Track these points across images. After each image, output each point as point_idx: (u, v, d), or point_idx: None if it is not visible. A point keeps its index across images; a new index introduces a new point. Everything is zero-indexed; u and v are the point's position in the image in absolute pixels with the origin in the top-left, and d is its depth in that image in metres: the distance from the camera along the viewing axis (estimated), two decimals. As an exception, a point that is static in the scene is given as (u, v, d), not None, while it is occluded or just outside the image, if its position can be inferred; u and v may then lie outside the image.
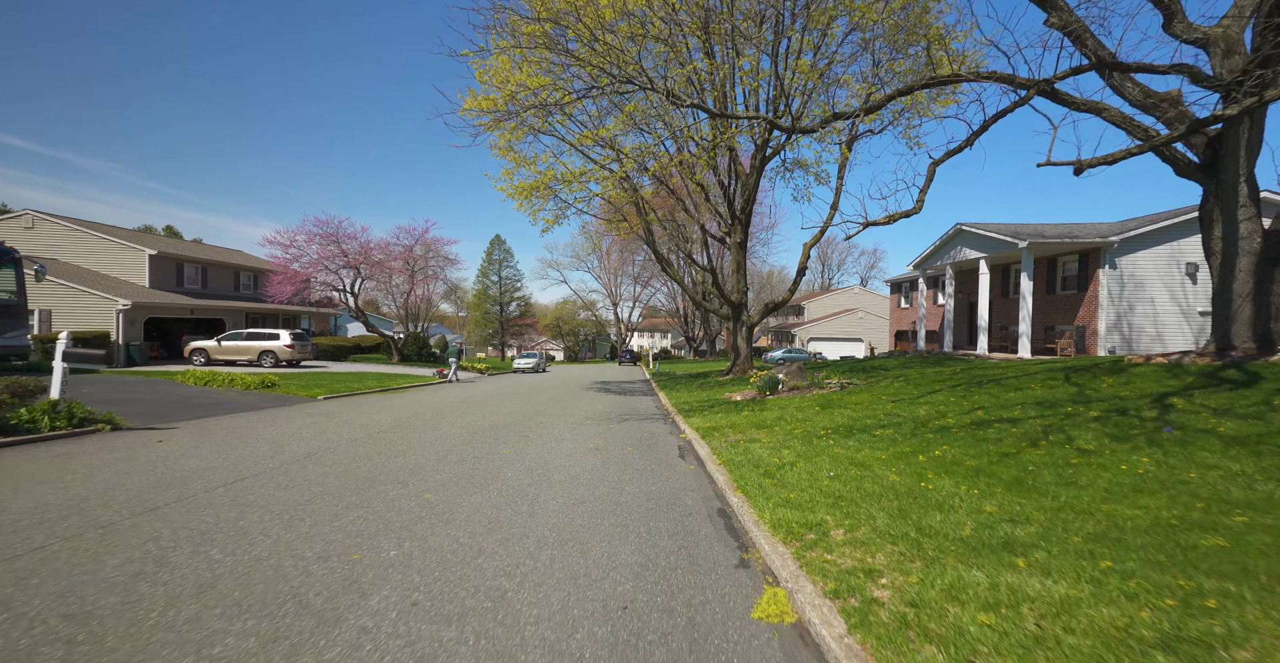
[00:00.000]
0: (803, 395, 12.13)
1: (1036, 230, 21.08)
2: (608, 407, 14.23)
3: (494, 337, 74.21)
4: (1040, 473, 4.76)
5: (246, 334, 24.77)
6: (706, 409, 12.11)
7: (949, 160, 7.92)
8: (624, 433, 9.70)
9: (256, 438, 8.27)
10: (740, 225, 20.23)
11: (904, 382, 12.00)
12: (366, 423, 10.25)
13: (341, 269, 30.74)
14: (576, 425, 10.55)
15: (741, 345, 20.49)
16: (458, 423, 10.52)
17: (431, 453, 7.40)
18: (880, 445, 6.38)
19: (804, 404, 10.66)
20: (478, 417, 11.58)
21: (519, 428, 10.05)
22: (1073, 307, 20.56)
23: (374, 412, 12.08)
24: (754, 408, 11.17)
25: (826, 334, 51.31)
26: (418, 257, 34.22)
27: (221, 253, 33.57)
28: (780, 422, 9.11)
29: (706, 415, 10.99)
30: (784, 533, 3.91)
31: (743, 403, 12.35)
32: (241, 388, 14.78)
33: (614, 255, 62.32)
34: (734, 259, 20.46)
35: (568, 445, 8.30)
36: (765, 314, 20.31)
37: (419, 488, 5.50)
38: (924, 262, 27.44)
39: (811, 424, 8.45)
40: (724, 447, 7.58)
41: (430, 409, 12.75)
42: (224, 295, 30.39)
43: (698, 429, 9.47)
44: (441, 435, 8.93)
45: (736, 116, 8.07)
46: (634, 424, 10.88)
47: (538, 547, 3.97)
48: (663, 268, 21.13)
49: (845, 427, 7.83)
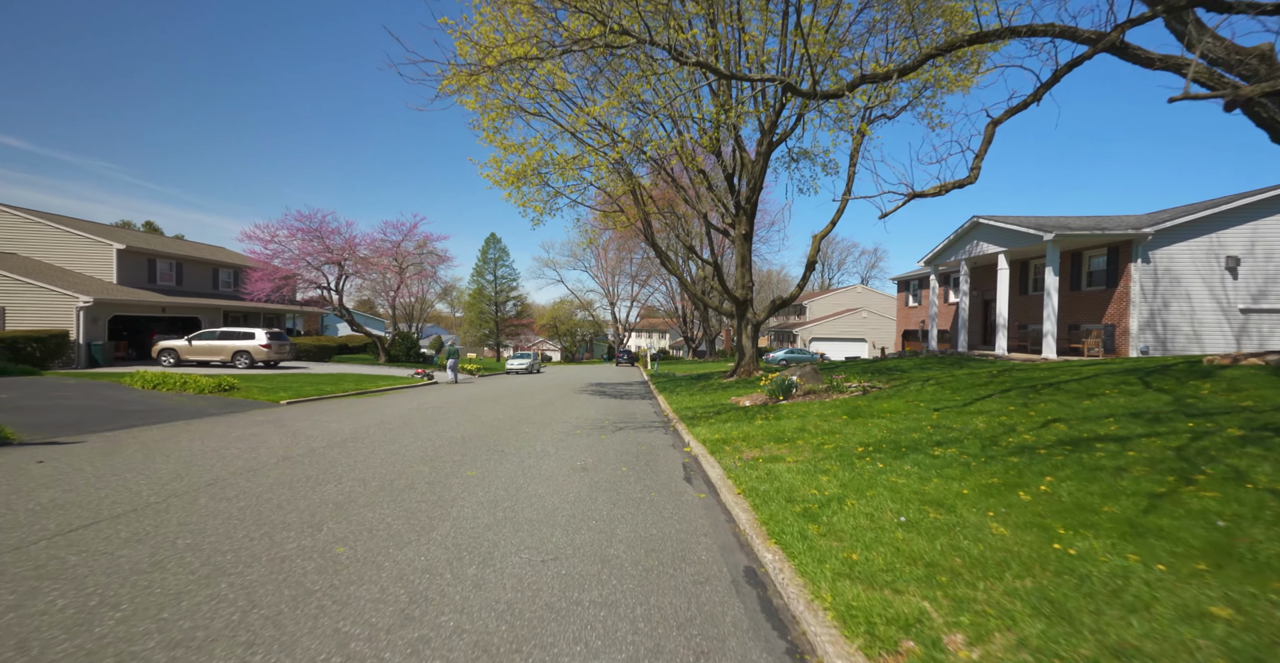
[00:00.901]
0: (821, 401, 10.71)
1: (1061, 223, 19.71)
2: (601, 412, 12.80)
3: (489, 337, 72.74)
4: (1248, 530, 3.27)
5: (219, 333, 23.28)
6: (712, 416, 10.69)
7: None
8: (618, 446, 8.27)
9: (168, 456, 6.82)
10: (745, 216, 18.83)
11: (936, 385, 10.57)
12: (318, 434, 8.80)
13: (325, 265, 29.25)
14: (564, 436, 9.11)
15: (746, 345, 19.07)
16: (425, 433, 9.07)
17: (376, 477, 5.95)
18: (950, 472, 4.94)
19: (826, 412, 9.23)
20: (451, 425, 10.14)
21: (495, 440, 8.60)
22: (1100, 304, 19.19)
23: (335, 419, 10.62)
24: (767, 415, 9.75)
25: (829, 334, 49.94)
26: (406, 253, 32.72)
27: (200, 249, 32.05)
28: (803, 434, 7.69)
29: (713, 424, 9.57)
30: (863, 634, 2.49)
31: (753, 409, 10.93)
32: (194, 392, 13.31)
33: (611, 253, 60.93)
34: (738, 252, 19.05)
35: (549, 464, 6.86)
36: (772, 312, 18.91)
37: (333, 536, 4.05)
38: (936, 257, 26.08)
39: (844, 438, 7.02)
40: (740, 467, 6.15)
41: (400, 416, 11.30)
42: (201, 293, 28.88)
43: (705, 442, 8.05)
44: (399, 451, 7.48)
45: (748, 78, 6.74)
46: (630, 434, 9.45)
47: (471, 657, 2.54)
48: (662, 263, 19.72)
49: (889, 443, 6.40)
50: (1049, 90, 6.36)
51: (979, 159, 6.63)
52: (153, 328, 26.32)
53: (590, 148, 15.19)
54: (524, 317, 75.66)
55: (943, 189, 6.58)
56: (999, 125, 6.64)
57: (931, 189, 6.58)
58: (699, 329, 60.25)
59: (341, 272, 30.14)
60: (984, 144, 6.69)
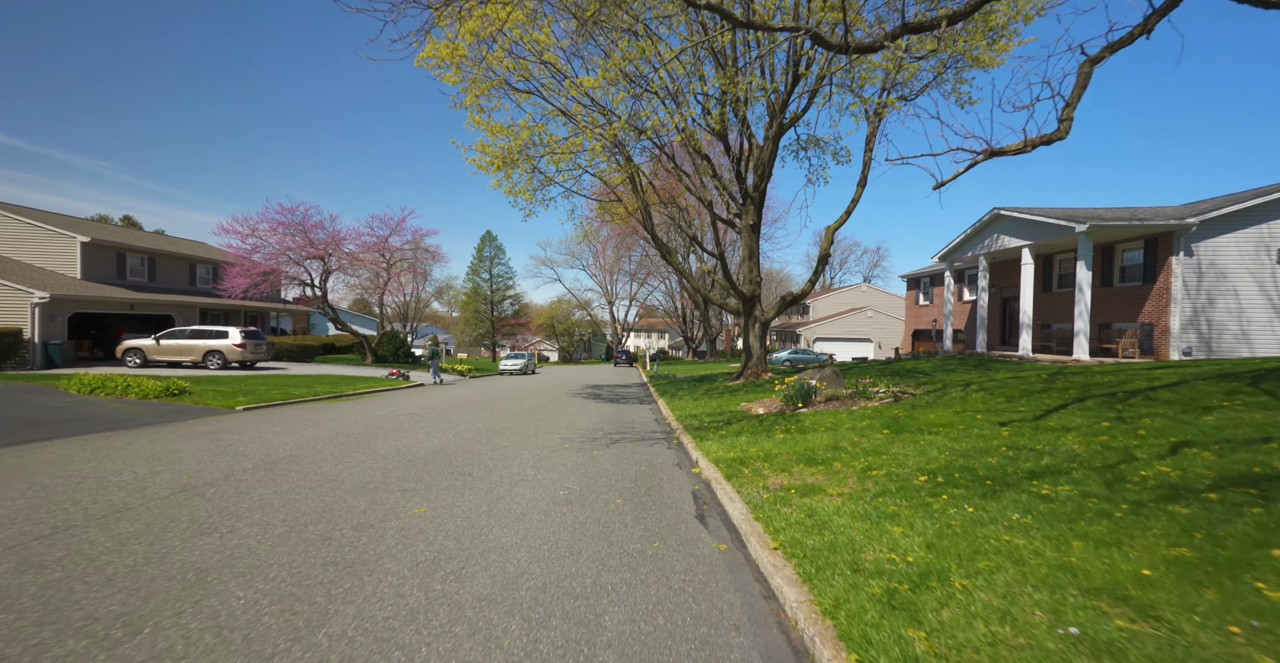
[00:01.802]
0: (849, 410, 9.28)
1: (1092, 214, 18.30)
2: (595, 420, 11.36)
3: (485, 337, 71.29)
4: None
5: (190, 332, 21.81)
6: (722, 426, 9.25)
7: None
8: (613, 465, 6.83)
9: (27, 487, 5.36)
10: (753, 205, 17.40)
11: (982, 391, 9.14)
12: (253, 451, 7.34)
13: (307, 261, 27.76)
14: (549, 452, 7.67)
15: (754, 345, 17.64)
16: (383, 449, 7.62)
17: (287, 520, 4.51)
18: (1091, 528, 3.34)
19: (860, 424, 7.80)
20: (419, 437, 8.69)
21: (465, 458, 7.16)
22: (1135, 301, 17.79)
23: (285, 430, 9.16)
24: (788, 427, 8.31)
25: (833, 334, 48.54)
26: (394, 248, 31.24)
27: (177, 243, 30.54)
28: (839, 453, 6.26)
29: (725, 437, 8.13)
30: None
31: (769, 418, 9.49)
32: (137, 397, 11.84)
33: (609, 251, 59.55)
34: (745, 245, 17.62)
35: (524, 494, 5.42)
36: (782, 309, 17.49)
37: (149, 652, 2.60)
38: (952, 253, 24.68)
39: (895, 461, 5.59)
40: (768, 502, 4.73)
41: (363, 426, 9.85)
42: (176, 290, 27.40)
43: (718, 461, 6.62)
44: (339, 476, 6.04)
45: (770, 27, 5.36)
46: (627, 450, 8.01)
47: None
48: (663, 256, 18.29)
49: (962, 471, 4.96)
50: (1165, 16, 4.94)
51: (1070, 108, 5.21)
52: (121, 326, 24.83)
53: (583, 126, 13.74)
54: (521, 316, 74.22)
55: (1027, 145, 5.16)
56: (1098, 65, 5.20)
57: (1014, 145, 5.16)
58: (699, 329, 58.86)
59: (325, 267, 28.67)
60: (1076, 90, 5.27)
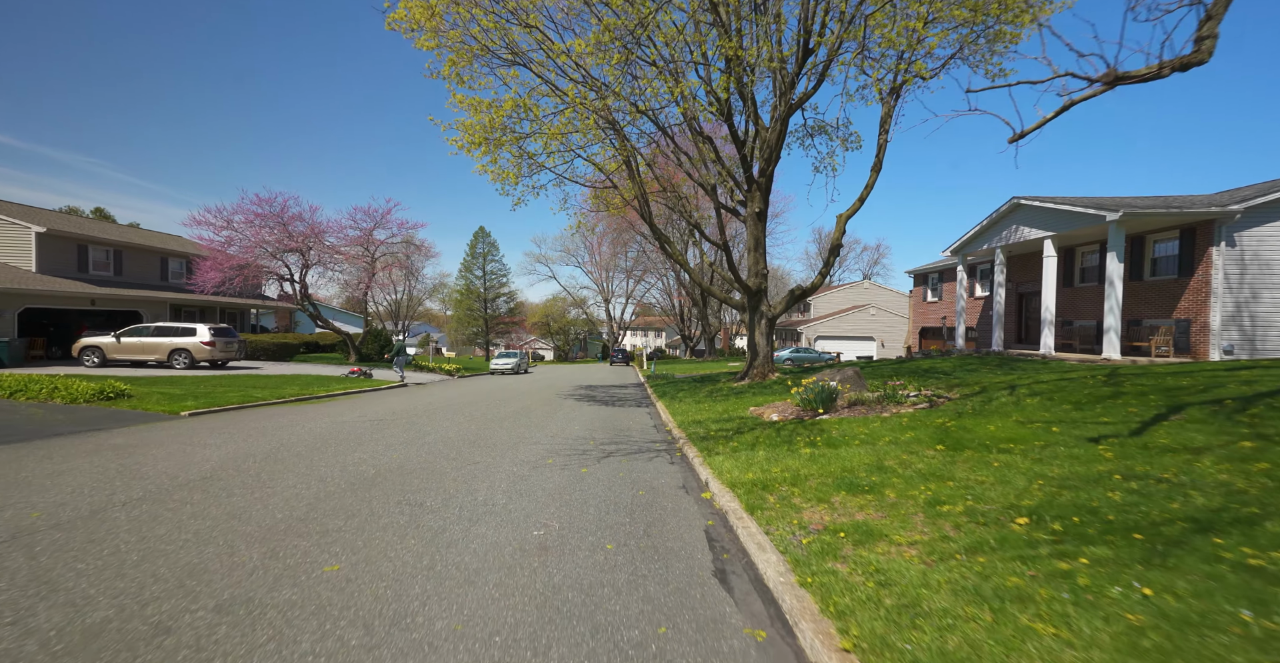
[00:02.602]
0: (880, 417, 7.97)
1: (1122, 202, 17.05)
2: (587, 427, 10.03)
3: (478, 336, 69.85)
4: None
5: (154, 329, 20.34)
6: (732, 435, 7.94)
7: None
8: (604, 490, 5.50)
9: None
10: (759, 192, 16.09)
11: (1037, 396, 7.83)
12: (163, 470, 5.97)
13: (284, 253, 26.29)
14: (528, 470, 6.34)
15: (760, 343, 16.33)
16: (324, 468, 6.26)
17: (125, 590, 3.16)
18: None
19: (899, 435, 6.49)
20: (376, 450, 7.33)
21: (422, 479, 5.82)
22: (1169, 296, 16.56)
23: (220, 441, 7.79)
24: (812, 438, 7.00)
25: (835, 332, 47.31)
26: (378, 241, 29.79)
27: (147, 236, 29.00)
28: (887, 476, 4.95)
29: (738, 451, 6.82)
30: None
31: (787, 427, 8.18)
32: (64, 401, 10.43)
33: (605, 247, 58.23)
34: (750, 233, 16.30)
35: (484, 537, 4.09)
36: (791, 304, 16.19)
37: None
38: (965, 246, 23.42)
39: (967, 491, 4.28)
40: (815, 555, 3.41)
41: (314, 436, 8.48)
42: (145, 284, 25.90)
43: (734, 485, 5.31)
44: (248, 509, 4.68)
45: None
46: (622, 465, 6.68)
47: None
48: (661, 247, 16.96)
49: (1076, 511, 3.63)
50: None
51: (1213, 21, 3.88)
52: (83, 323, 23.31)
53: (573, 99, 12.38)
54: (515, 315, 72.81)
55: (1161, 70, 3.83)
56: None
57: (1146, 69, 3.83)
58: (697, 327, 57.58)
59: (305, 261, 27.20)
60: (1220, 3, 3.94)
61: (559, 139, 14.18)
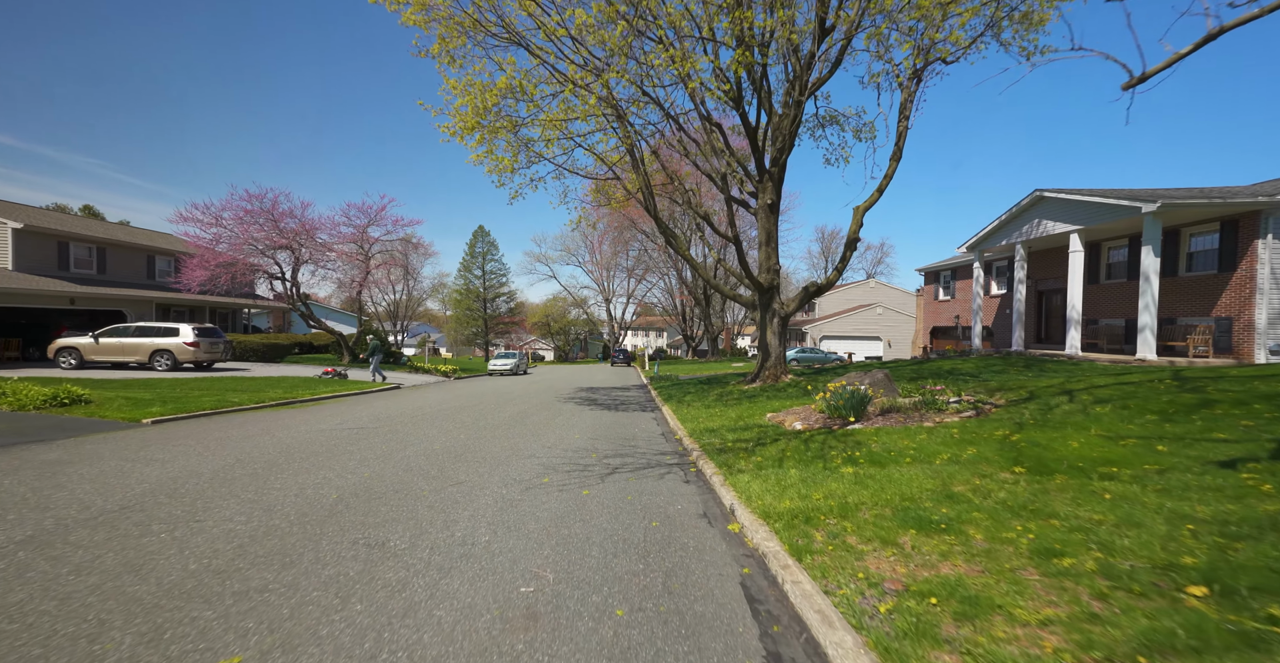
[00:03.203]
0: (923, 427, 7.00)
1: (1157, 193, 16.07)
2: (589, 434, 9.06)
3: (478, 336, 68.93)
4: None
5: (134, 329, 19.41)
6: (754, 447, 6.98)
7: None
8: (609, 519, 4.54)
9: None
10: (772, 182, 15.12)
11: (1103, 404, 6.84)
12: (71, 500, 5.00)
13: (274, 250, 25.34)
14: (519, 493, 5.37)
15: (772, 343, 15.35)
16: (278, 492, 5.30)
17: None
18: None
19: (958, 451, 5.51)
20: (346, 466, 6.36)
21: (392, 507, 4.85)
22: (1208, 293, 15.57)
23: (171, 456, 6.83)
24: (850, 452, 6.03)
25: (841, 332, 46.30)
26: (372, 239, 28.83)
27: (134, 233, 28.06)
28: (962, 508, 3.98)
29: (763, 467, 5.86)
30: None
31: (815, 438, 7.21)
32: (10, 408, 9.47)
33: (605, 246, 57.32)
34: (762, 227, 15.33)
35: (455, 595, 3.12)
36: (805, 301, 15.22)
37: None
38: (983, 241, 22.43)
39: (1085, 533, 3.33)
40: (908, 638, 2.46)
41: (284, 447, 7.52)
42: (130, 283, 24.97)
43: (767, 515, 4.35)
44: (155, 556, 3.71)
45: None
46: (630, 485, 5.71)
47: None
48: (667, 241, 16.00)
49: (1272, 574, 2.65)
50: None
51: None
52: (63, 324, 22.37)
53: (572, 74, 11.40)
54: (515, 315, 71.89)
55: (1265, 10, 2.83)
56: None
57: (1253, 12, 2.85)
58: (699, 327, 56.60)
59: (296, 259, 26.24)
60: None
61: (558, 127, 13.23)
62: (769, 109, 15.12)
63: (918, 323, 36.88)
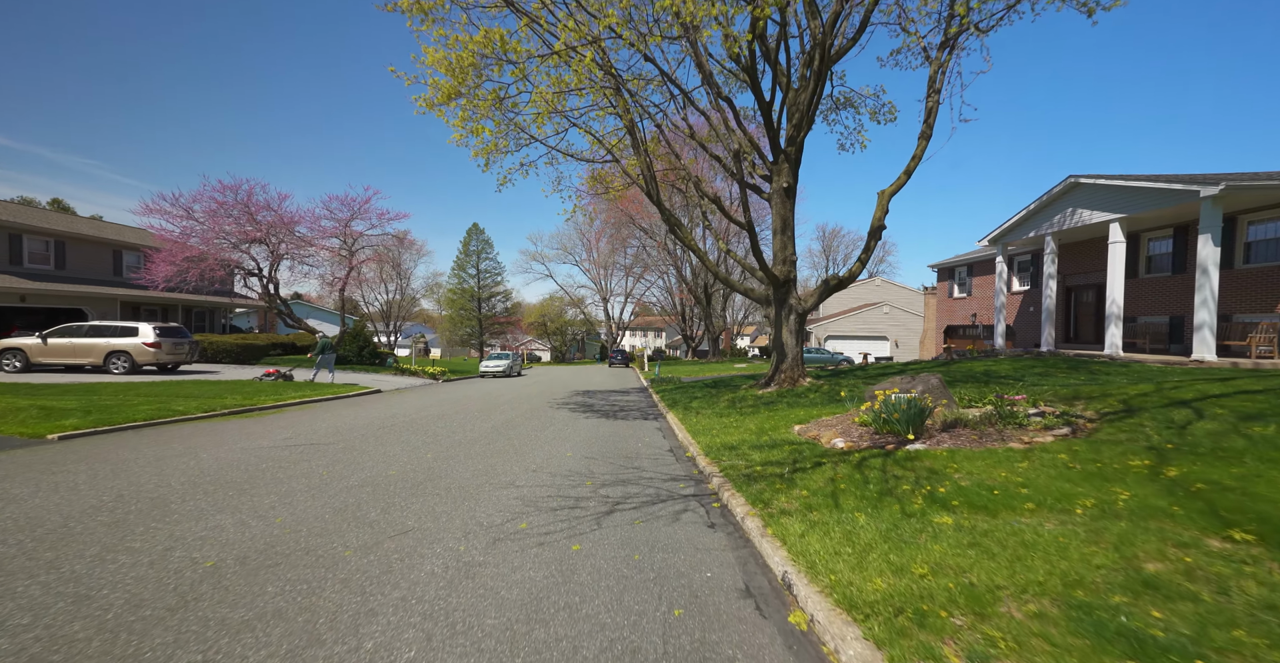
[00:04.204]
0: (1009, 449, 5.45)
1: (1222, 176, 14.55)
2: (583, 451, 7.49)
3: (473, 336, 67.31)
4: None
5: (88, 329, 17.78)
6: (790, 474, 5.44)
7: None
8: (608, 604, 3.01)
9: None
10: (788, 164, 13.59)
11: (1255, 423, 5.30)
12: None
13: (248, 244, 23.69)
14: (482, 550, 3.82)
15: (789, 342, 13.80)
16: (133, 552, 3.73)
17: None
18: None
19: (1101, 492, 3.98)
20: (262, 506, 4.79)
21: (288, 585, 3.28)
22: (1271, 287, 14.07)
23: (27, 493, 5.26)
24: (926, 483, 4.51)
25: (846, 331, 44.81)
26: (356, 233, 27.20)
27: (100, 227, 26.38)
28: (1188, 608, 2.47)
29: (812, 506, 4.35)
30: None
31: (871, 462, 5.66)
32: (-119, 422, 7.86)
33: (603, 243, 55.78)
34: (777, 213, 13.79)
35: None
36: (825, 295, 13.69)
37: None
38: (1008, 233, 20.93)
39: None
40: None
41: (186, 477, 5.95)
42: (93, 280, 23.32)
43: (851, 606, 2.80)
44: None
45: None
46: (635, 534, 4.17)
47: None
48: (670, 229, 14.45)
49: None
50: None
51: None
52: (14, 323, 20.70)
53: (565, 26, 9.81)
54: (511, 314, 70.28)
55: None
56: None
57: None
58: (699, 327, 55.07)
59: (273, 254, 24.60)
60: None
61: (549, 103, 11.67)
62: (785, 84, 13.58)
63: (926, 322, 35.38)
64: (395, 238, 30.42)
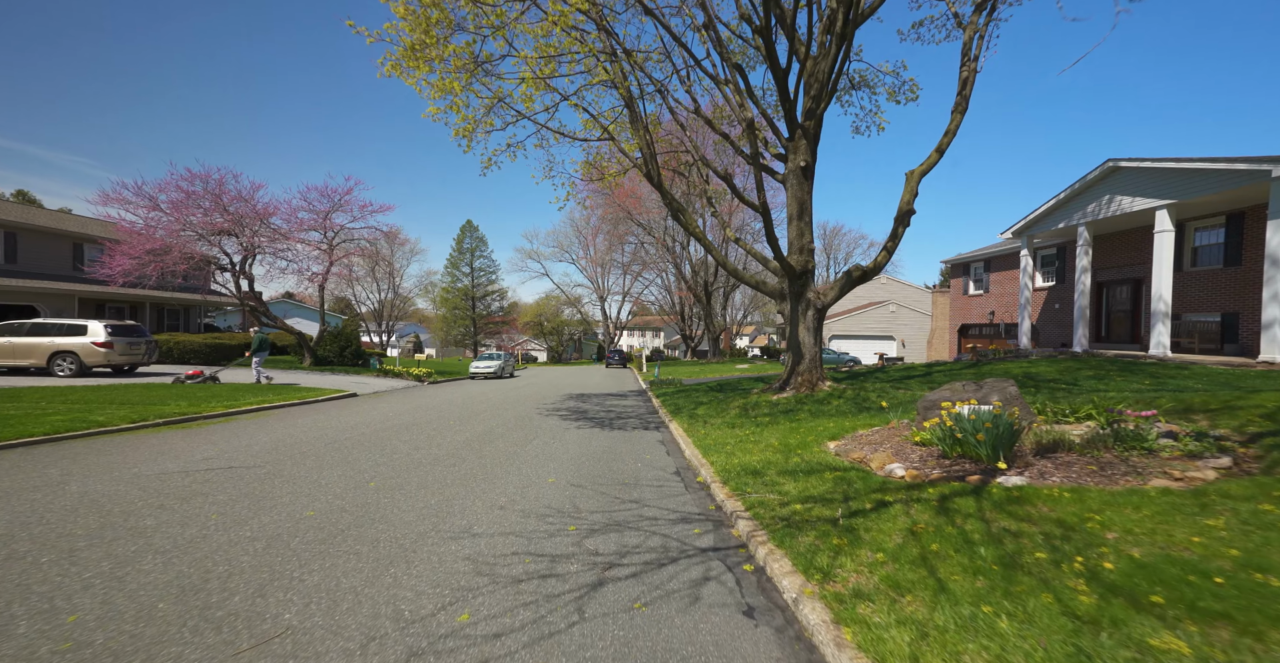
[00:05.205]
0: (1172, 491, 3.89)
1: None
2: (568, 477, 5.91)
3: (467, 336, 65.70)
4: None
5: (29, 327, 16.16)
6: (847, 518, 3.92)
7: None
8: None
9: None
10: (806, 141, 12.05)
11: None
12: None
13: (216, 236, 22.03)
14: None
15: (806, 340, 12.24)
16: None
17: None
18: None
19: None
20: (72, 588, 3.23)
21: None
22: (1342, 278, 12.54)
23: None
24: (1069, 548, 3.03)
25: (853, 331, 43.31)
26: (337, 226, 25.58)
27: (60, 219, 24.70)
28: None
29: (899, 585, 2.81)
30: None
31: (953, 502, 4.11)
32: None
33: (600, 241, 54.24)
34: (793, 197, 12.24)
35: None
36: (847, 288, 12.13)
37: None
38: (1034, 224, 19.42)
39: None
40: None
41: (39, 520, 4.37)
42: (49, 275, 21.67)
43: None
44: None
45: None
46: (636, 629, 2.59)
47: None
48: (673, 215, 12.88)
49: None
50: None
51: None
52: (-44, 320, 19.03)
53: None
54: (507, 314, 68.70)
55: None
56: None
57: None
58: (699, 326, 53.52)
59: (245, 247, 22.95)
60: None
61: (533, 72, 10.14)
62: (803, 54, 12.04)
63: (935, 321, 33.88)
64: (383, 233, 28.77)
